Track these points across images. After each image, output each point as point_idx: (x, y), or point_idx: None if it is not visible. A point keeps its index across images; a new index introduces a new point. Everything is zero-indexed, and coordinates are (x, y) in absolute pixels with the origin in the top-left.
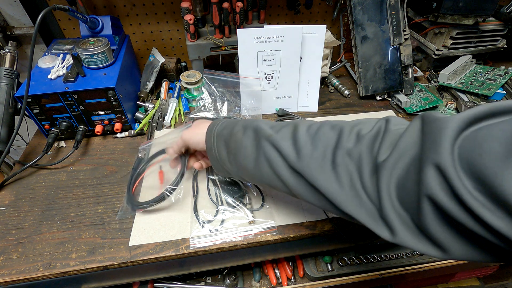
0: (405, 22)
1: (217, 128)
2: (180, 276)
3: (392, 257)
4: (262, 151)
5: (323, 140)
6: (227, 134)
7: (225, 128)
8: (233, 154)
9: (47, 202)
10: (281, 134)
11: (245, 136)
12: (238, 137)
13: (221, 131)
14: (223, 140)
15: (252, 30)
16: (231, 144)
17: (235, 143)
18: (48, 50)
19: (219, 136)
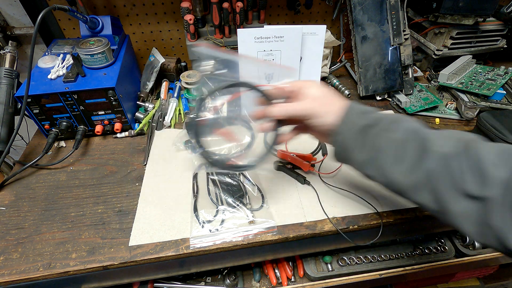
0: (405, 22)
1: (358, 118)
2: (180, 276)
3: (392, 257)
4: (429, 164)
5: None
6: (372, 129)
7: (371, 119)
8: (376, 150)
9: (47, 202)
10: (454, 149)
11: (404, 140)
12: (390, 137)
13: (364, 122)
14: (366, 134)
15: (252, 30)
16: (377, 140)
17: (384, 141)
18: (48, 50)
19: (359, 126)
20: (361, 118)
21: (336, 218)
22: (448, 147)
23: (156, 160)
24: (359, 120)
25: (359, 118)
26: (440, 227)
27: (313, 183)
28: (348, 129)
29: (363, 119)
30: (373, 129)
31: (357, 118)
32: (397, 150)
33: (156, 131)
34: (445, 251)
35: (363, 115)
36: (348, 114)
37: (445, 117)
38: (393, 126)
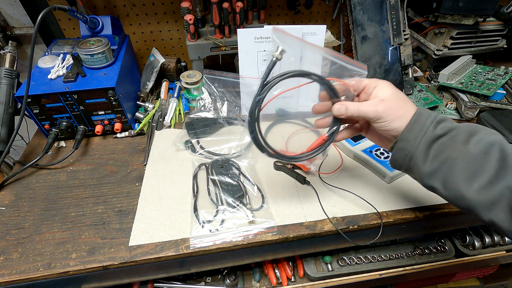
0: (405, 22)
1: (428, 123)
2: (180, 276)
3: (392, 257)
4: (509, 181)
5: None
6: (445, 142)
7: (442, 129)
8: (445, 163)
9: (47, 202)
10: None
11: (483, 153)
12: (466, 149)
13: (438, 134)
14: (436, 149)
15: (252, 30)
16: (449, 152)
17: (457, 153)
18: (48, 50)
19: (434, 140)
20: (433, 127)
21: (336, 218)
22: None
23: (156, 160)
24: (431, 128)
25: (431, 126)
26: (440, 227)
27: (313, 183)
28: (416, 137)
29: (436, 128)
30: (446, 140)
31: (429, 126)
32: (473, 165)
33: (156, 131)
34: (445, 251)
35: (437, 124)
36: (419, 120)
37: None
38: (470, 138)
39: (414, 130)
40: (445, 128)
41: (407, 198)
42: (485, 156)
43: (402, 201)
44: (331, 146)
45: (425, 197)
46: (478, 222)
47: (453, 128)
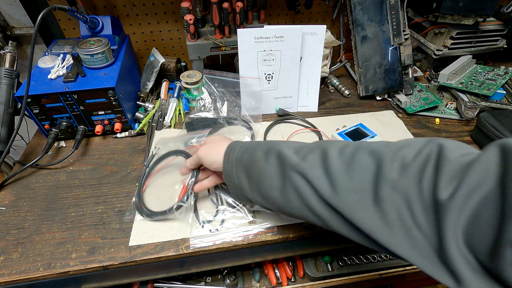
0: (405, 22)
1: (235, 153)
2: (180, 276)
3: (392, 257)
4: (289, 182)
5: (361, 169)
6: (247, 161)
7: (244, 152)
8: (256, 183)
9: (47, 202)
10: (310, 162)
11: (268, 163)
12: (259, 164)
13: (240, 156)
14: (243, 167)
15: (252, 30)
16: (253, 171)
17: (257, 171)
18: (48, 50)
19: (239, 162)
20: (240, 153)
21: None
22: (305, 158)
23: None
24: (239, 156)
25: (238, 153)
26: None
27: None
28: (228, 165)
29: (243, 153)
30: (246, 160)
31: (238, 153)
32: (267, 176)
33: (156, 131)
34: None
35: (241, 150)
36: (227, 153)
37: (445, 117)
38: (258, 153)
39: (227, 165)
40: (241, 152)
41: None
42: (267, 167)
43: None
44: None
45: None
46: None
47: (245, 150)
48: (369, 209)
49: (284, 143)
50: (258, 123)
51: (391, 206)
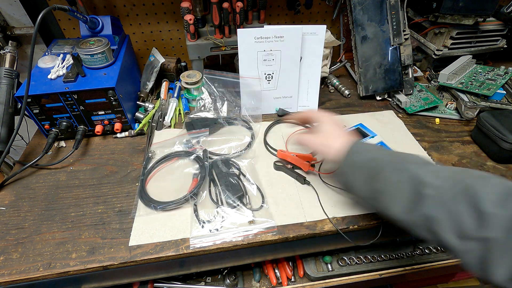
0: (405, 22)
1: (358, 158)
2: (180, 276)
3: (392, 257)
4: (422, 207)
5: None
6: (370, 170)
7: (369, 161)
8: (373, 190)
9: (47, 202)
10: (452, 195)
11: (396, 180)
12: (385, 177)
13: (363, 164)
14: (364, 174)
15: (252, 30)
16: (376, 182)
17: (380, 183)
18: (48, 50)
19: (359, 168)
20: (363, 160)
21: (336, 218)
22: (445, 190)
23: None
24: (362, 162)
25: (361, 159)
26: None
27: (313, 183)
28: (346, 167)
29: (367, 161)
30: (369, 168)
31: (361, 159)
32: (394, 191)
33: (156, 131)
34: (445, 251)
35: (365, 157)
36: (349, 154)
37: (445, 117)
38: (387, 167)
39: (345, 165)
40: (366, 159)
41: None
42: (400, 184)
43: None
44: None
45: None
46: None
47: (371, 159)
48: None
49: (418, 164)
50: (258, 123)
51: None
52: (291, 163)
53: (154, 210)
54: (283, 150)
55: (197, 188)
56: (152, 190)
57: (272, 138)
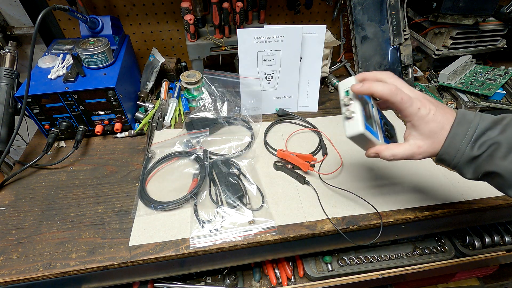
0: (405, 22)
1: (466, 148)
2: (180, 276)
3: (392, 257)
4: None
5: None
6: (482, 158)
7: (480, 146)
8: (488, 173)
9: (47, 202)
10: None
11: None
12: (500, 165)
13: (471, 152)
14: (474, 165)
15: (252, 30)
16: (488, 166)
17: (498, 167)
18: (48, 50)
19: (472, 160)
20: (470, 148)
21: (336, 218)
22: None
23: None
24: (467, 151)
25: (467, 148)
26: (440, 227)
27: (313, 183)
28: (453, 158)
29: (474, 148)
30: (485, 157)
31: (465, 148)
32: (502, 175)
33: (156, 131)
34: (445, 251)
35: (474, 144)
36: (454, 143)
37: None
38: (509, 153)
39: (450, 154)
40: (483, 147)
41: (407, 198)
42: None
43: (402, 201)
44: (331, 146)
45: (425, 197)
46: (478, 222)
47: (493, 144)
48: None
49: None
50: (258, 123)
51: None
52: (291, 163)
53: (154, 210)
54: (283, 150)
55: (197, 188)
56: (152, 190)
57: (272, 138)
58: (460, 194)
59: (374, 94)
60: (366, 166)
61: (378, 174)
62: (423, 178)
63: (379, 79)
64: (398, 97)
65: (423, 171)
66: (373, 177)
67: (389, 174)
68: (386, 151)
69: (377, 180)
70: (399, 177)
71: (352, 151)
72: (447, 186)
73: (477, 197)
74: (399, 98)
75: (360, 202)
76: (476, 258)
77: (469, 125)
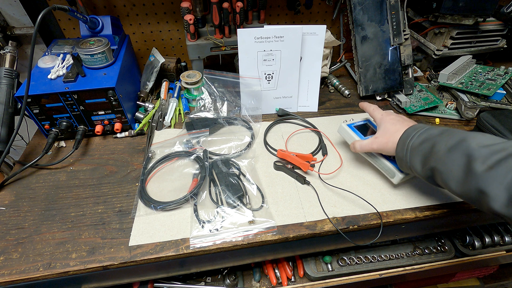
0: (405, 22)
1: (412, 142)
2: (180, 276)
3: (392, 257)
4: (475, 185)
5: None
6: (425, 151)
7: (423, 142)
8: (431, 169)
9: (47, 202)
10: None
11: (450, 159)
12: (440, 156)
13: (417, 146)
14: (420, 156)
15: (252, 30)
16: (431, 161)
17: (436, 162)
18: (48, 50)
19: (415, 151)
20: (418, 142)
21: (336, 218)
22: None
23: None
24: (417, 145)
25: (416, 142)
26: (440, 227)
27: (313, 183)
28: (402, 152)
29: (421, 143)
30: (424, 149)
31: (415, 142)
32: (443, 167)
33: (156, 131)
34: (445, 251)
35: (419, 139)
36: (403, 139)
37: (445, 117)
38: (439, 146)
39: (401, 150)
40: (419, 141)
41: (407, 198)
42: (450, 163)
43: (402, 201)
44: (331, 146)
45: (425, 197)
46: (478, 222)
47: (424, 140)
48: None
49: (471, 139)
50: (258, 123)
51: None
52: (291, 163)
53: (154, 210)
54: (283, 150)
55: (197, 188)
56: (152, 190)
57: (272, 138)
58: None
59: None
60: (366, 166)
61: (378, 174)
62: None
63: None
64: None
65: None
66: (373, 177)
67: None
68: (356, 143)
69: (377, 180)
70: None
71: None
72: None
73: None
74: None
75: (360, 202)
76: (476, 258)
77: (421, 127)
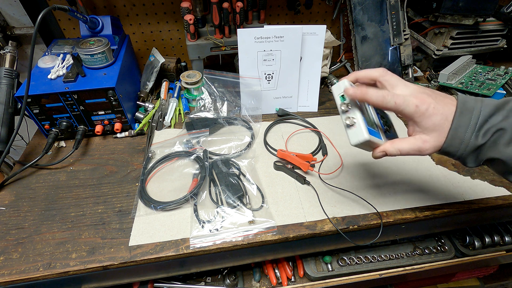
0: (405, 22)
1: (472, 138)
2: (180, 276)
3: (392, 257)
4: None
5: None
6: (488, 146)
7: (484, 135)
8: (486, 160)
9: (47, 202)
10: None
11: None
12: (503, 152)
13: (480, 144)
14: (478, 153)
15: (252, 30)
16: (487, 153)
17: (496, 154)
18: (48, 50)
19: (476, 149)
20: (475, 138)
21: (336, 218)
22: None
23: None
24: (472, 140)
25: (472, 138)
26: (440, 227)
27: (313, 183)
28: (457, 150)
29: (478, 137)
30: (489, 144)
31: (470, 138)
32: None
33: (156, 131)
34: (445, 251)
35: (478, 132)
36: (457, 135)
37: None
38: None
39: (454, 146)
40: (487, 135)
41: (407, 198)
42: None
43: (402, 201)
44: (331, 146)
45: (425, 197)
46: (478, 222)
47: (497, 130)
48: None
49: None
50: (258, 123)
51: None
52: (291, 163)
53: (154, 210)
54: (283, 150)
55: (197, 188)
56: (152, 190)
57: (272, 138)
58: (460, 194)
59: (368, 102)
60: (366, 166)
61: (378, 174)
62: (423, 178)
63: (372, 78)
64: (391, 102)
65: (423, 171)
66: (373, 177)
67: (389, 174)
68: (391, 148)
69: (377, 180)
70: (399, 177)
71: (352, 151)
72: (447, 186)
73: (477, 197)
74: (392, 103)
75: (360, 202)
76: (476, 258)
77: (472, 114)
